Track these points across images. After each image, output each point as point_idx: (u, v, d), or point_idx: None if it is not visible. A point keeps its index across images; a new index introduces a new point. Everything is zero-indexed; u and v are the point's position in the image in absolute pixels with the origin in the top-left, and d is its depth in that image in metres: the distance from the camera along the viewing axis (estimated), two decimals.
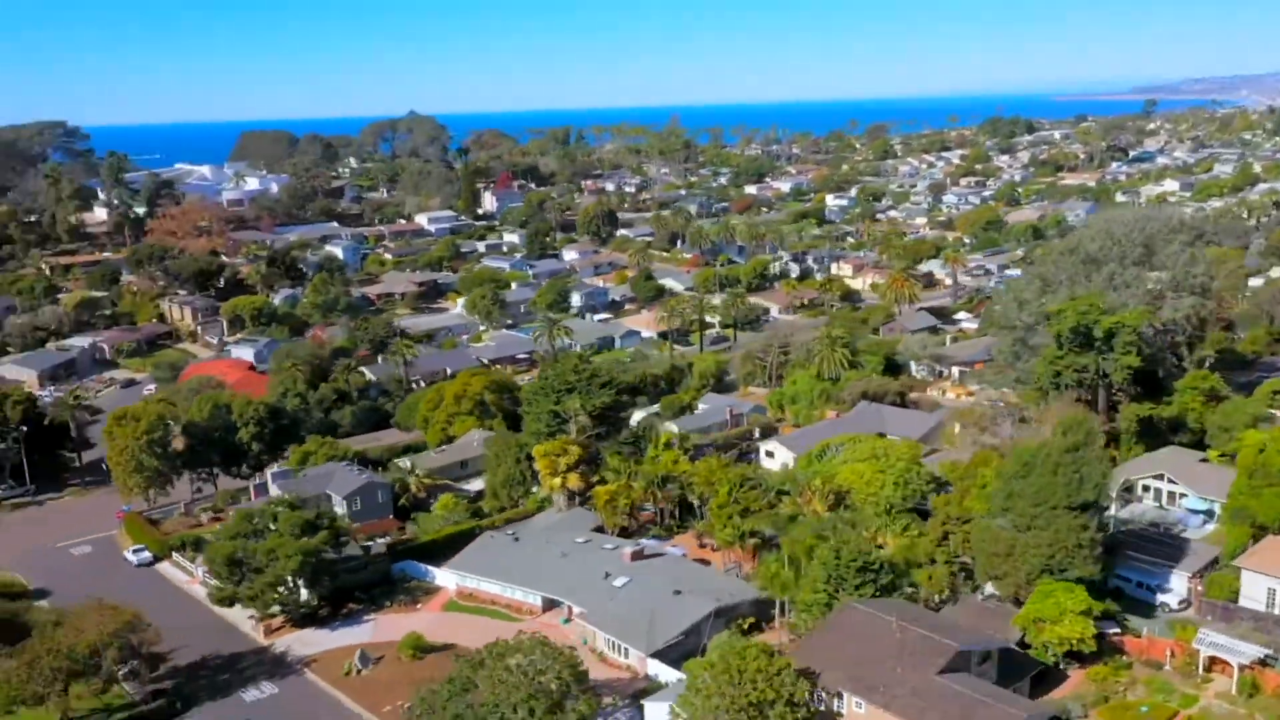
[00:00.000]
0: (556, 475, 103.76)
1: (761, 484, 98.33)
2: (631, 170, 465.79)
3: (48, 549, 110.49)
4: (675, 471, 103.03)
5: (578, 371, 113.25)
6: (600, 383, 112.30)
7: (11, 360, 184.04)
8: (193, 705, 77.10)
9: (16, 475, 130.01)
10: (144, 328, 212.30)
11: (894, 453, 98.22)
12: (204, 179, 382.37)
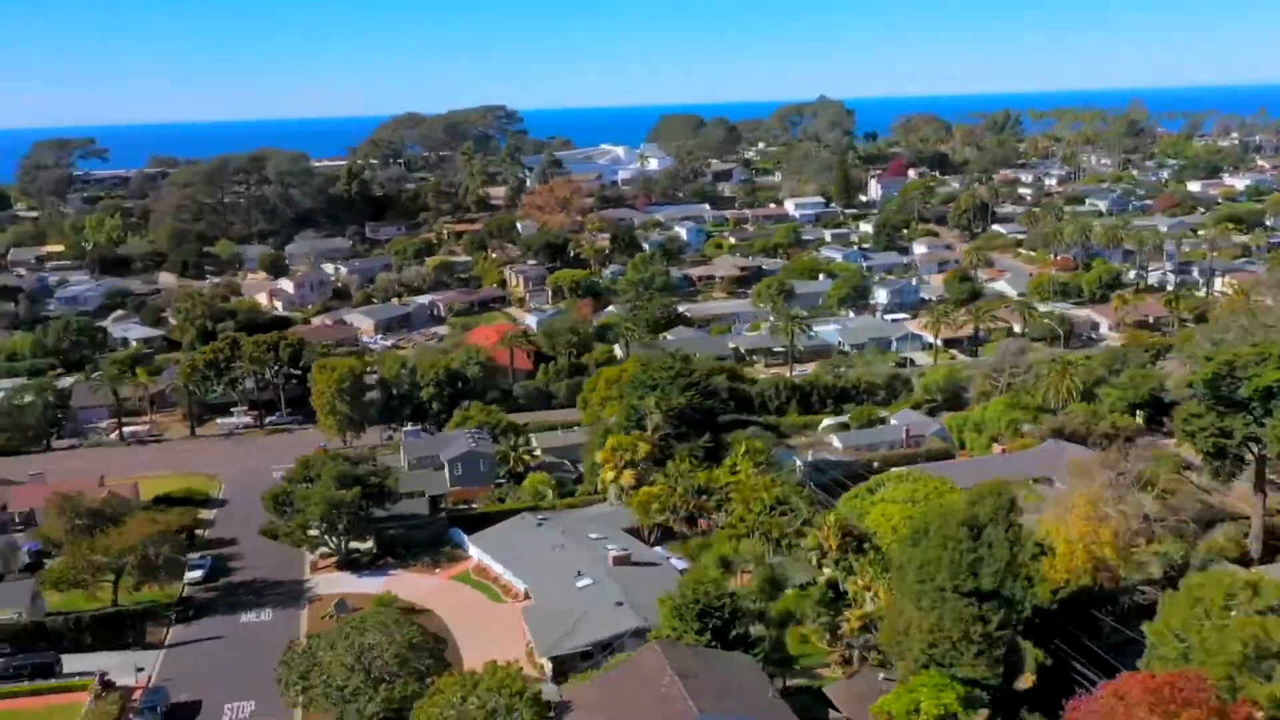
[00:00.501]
0: (614, 470, 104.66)
1: (793, 510, 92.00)
2: (1063, 159, 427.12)
3: (263, 470, 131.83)
4: (718, 483, 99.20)
5: (667, 369, 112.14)
6: (685, 383, 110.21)
7: (358, 310, 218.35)
8: (203, 616, 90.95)
9: (286, 406, 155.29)
10: (483, 291, 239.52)
11: (935, 495, 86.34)
12: (616, 160, 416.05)
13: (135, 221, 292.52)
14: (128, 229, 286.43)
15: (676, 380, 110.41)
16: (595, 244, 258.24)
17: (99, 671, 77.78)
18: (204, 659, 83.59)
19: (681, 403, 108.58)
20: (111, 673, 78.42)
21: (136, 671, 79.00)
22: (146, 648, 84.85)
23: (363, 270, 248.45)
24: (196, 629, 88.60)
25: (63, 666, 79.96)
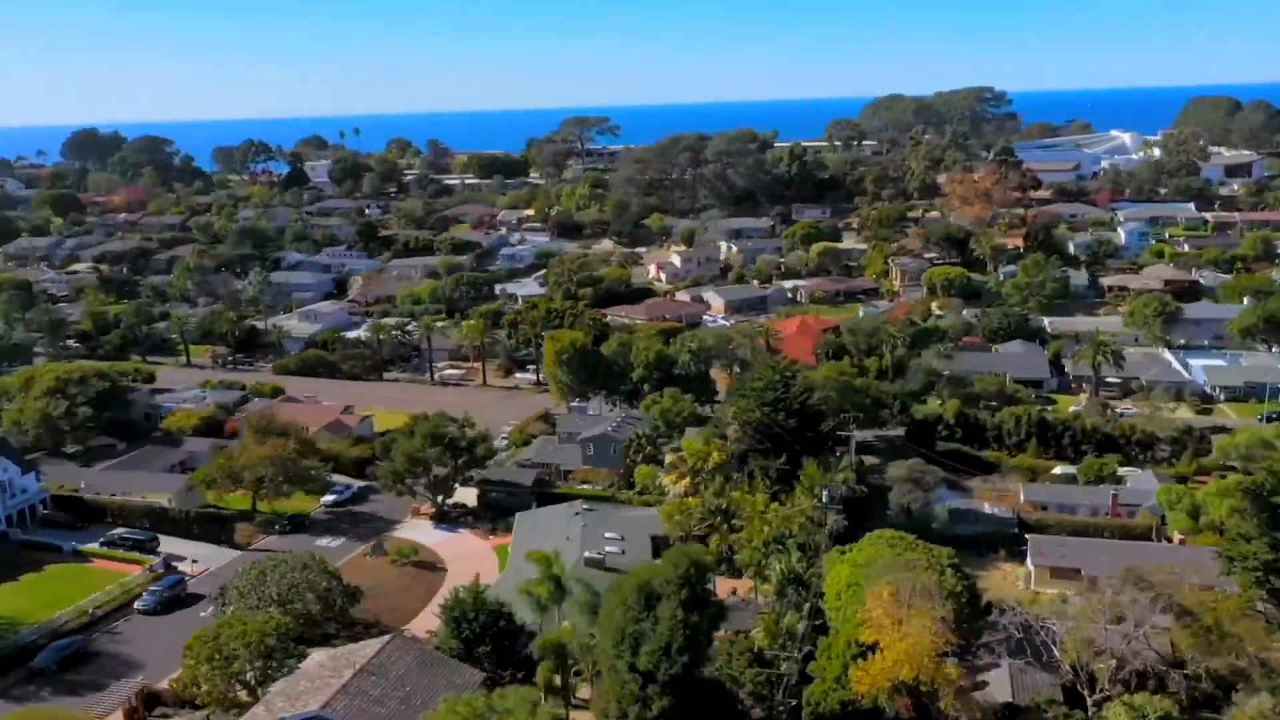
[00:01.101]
0: (677, 475, 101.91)
1: (784, 550, 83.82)
2: None
3: (500, 422, 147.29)
4: (742, 506, 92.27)
5: (759, 379, 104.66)
6: (772, 396, 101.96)
7: (714, 288, 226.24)
8: (297, 533, 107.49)
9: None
10: (856, 281, 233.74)
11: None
12: (1121, 147, 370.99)
13: (600, 193, 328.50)
14: (593, 199, 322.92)
15: (762, 392, 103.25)
16: (993, 240, 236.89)
17: (165, 555, 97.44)
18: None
19: (757, 416, 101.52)
20: (186, 561, 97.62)
21: (191, 563, 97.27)
22: (234, 546, 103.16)
23: (752, 250, 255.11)
24: (280, 542, 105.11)
25: (159, 544, 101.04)
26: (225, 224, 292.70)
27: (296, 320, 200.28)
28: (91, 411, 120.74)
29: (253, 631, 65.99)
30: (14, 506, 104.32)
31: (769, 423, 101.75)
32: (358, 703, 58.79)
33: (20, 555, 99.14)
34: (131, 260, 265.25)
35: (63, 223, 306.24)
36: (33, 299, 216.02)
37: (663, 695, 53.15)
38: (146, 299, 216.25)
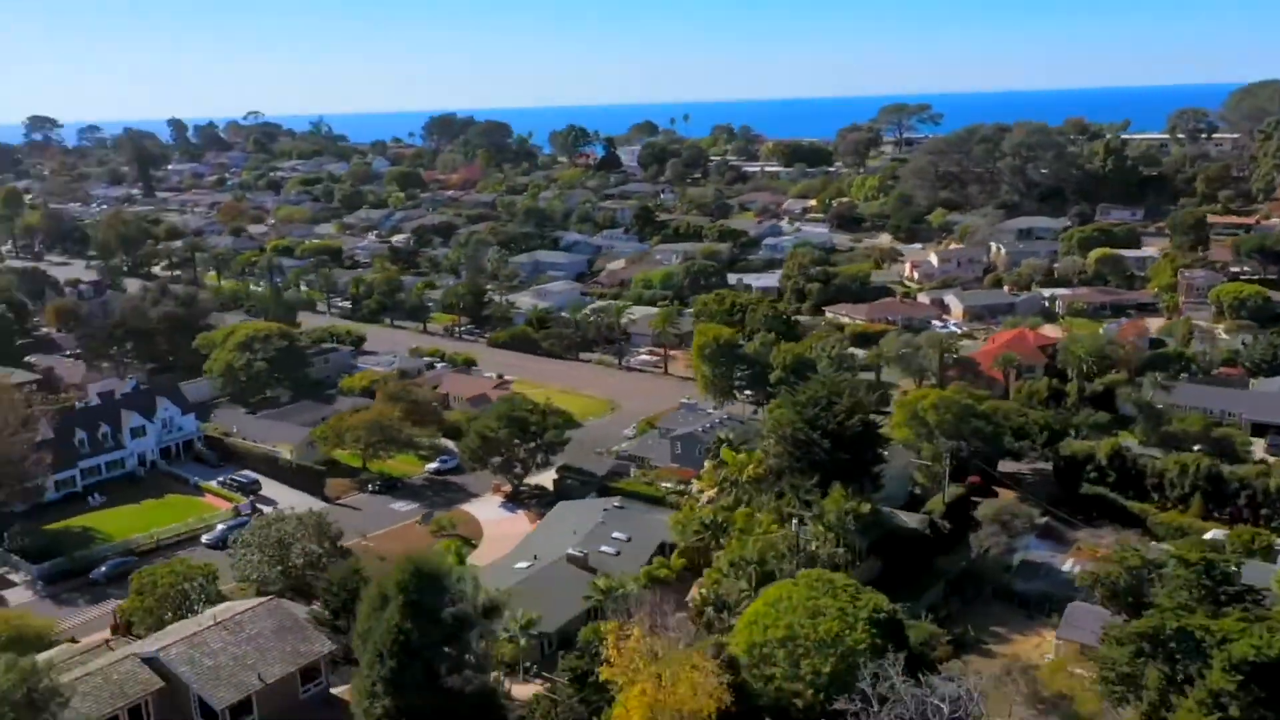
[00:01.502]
0: (711, 483, 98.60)
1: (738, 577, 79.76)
2: None
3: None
4: (729, 521, 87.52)
5: (806, 397, 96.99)
6: (810, 414, 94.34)
7: (954, 291, 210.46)
8: (385, 493, 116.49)
9: None
10: (1131, 293, 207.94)
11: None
12: None
13: (890, 185, 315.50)
14: (883, 190, 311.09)
15: (804, 407, 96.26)
16: None
17: (253, 499, 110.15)
18: (335, 515, 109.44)
19: (790, 432, 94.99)
20: (276, 506, 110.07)
21: (277, 507, 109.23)
22: (323, 499, 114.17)
23: (1020, 254, 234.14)
24: (366, 500, 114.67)
25: (260, 488, 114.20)
26: (527, 203, 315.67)
27: (529, 297, 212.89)
28: (265, 366, 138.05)
29: (177, 574, 74.15)
30: (169, 440, 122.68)
31: (806, 440, 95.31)
32: (192, 652, 64.54)
33: (157, 483, 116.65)
34: (440, 233, 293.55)
35: (400, 197, 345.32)
36: (338, 263, 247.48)
37: (385, 694, 53.67)
38: (423, 269, 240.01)
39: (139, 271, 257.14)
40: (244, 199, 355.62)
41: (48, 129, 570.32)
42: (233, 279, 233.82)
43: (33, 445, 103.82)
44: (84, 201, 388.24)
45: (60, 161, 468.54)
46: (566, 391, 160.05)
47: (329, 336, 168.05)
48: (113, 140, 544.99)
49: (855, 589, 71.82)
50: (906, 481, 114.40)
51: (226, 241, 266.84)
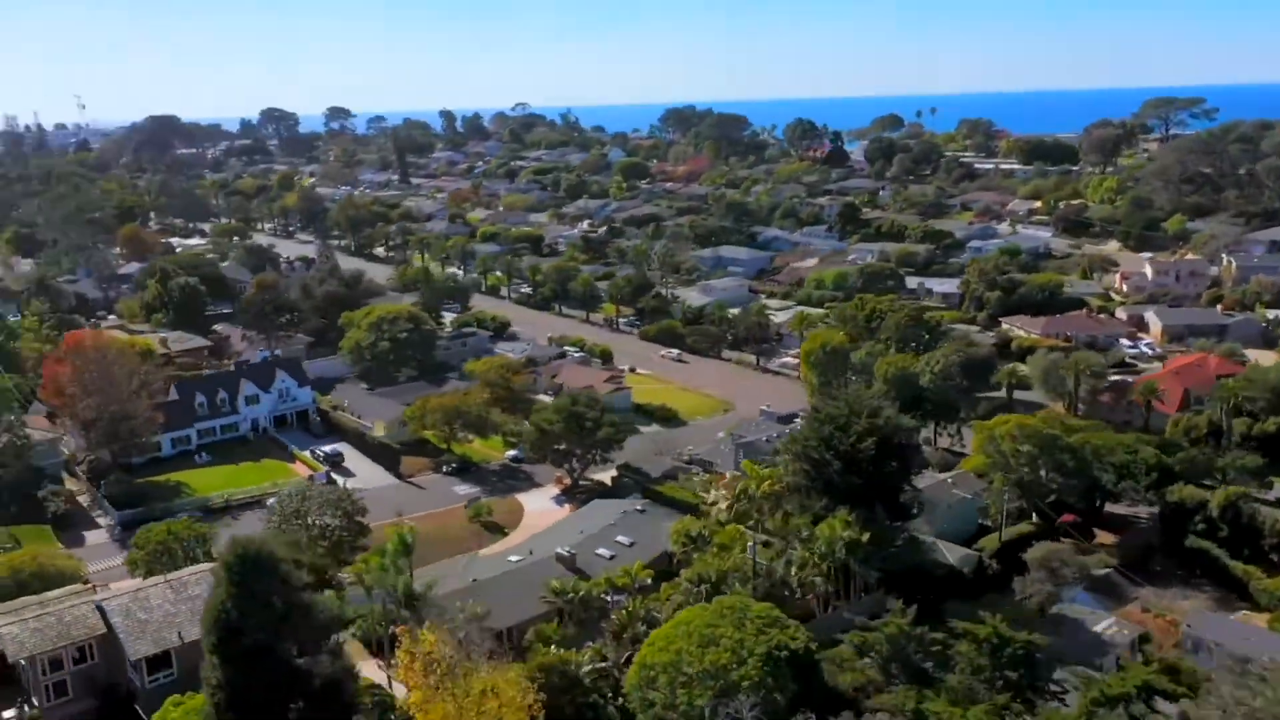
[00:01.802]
0: (729, 496, 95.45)
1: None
2: None
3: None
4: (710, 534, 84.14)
5: (824, 415, 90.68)
6: (823, 433, 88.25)
7: (1157, 309, 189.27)
8: (457, 474, 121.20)
9: None
10: None
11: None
12: None
13: (1127, 185, 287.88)
14: (1120, 192, 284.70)
15: (820, 426, 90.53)
16: None
17: (328, 470, 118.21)
18: (399, 492, 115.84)
19: (801, 449, 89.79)
20: (350, 479, 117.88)
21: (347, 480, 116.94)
22: (397, 475, 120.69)
23: (1260, 268, 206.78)
24: (437, 479, 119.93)
25: (343, 460, 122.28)
26: (735, 197, 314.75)
27: (694, 292, 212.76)
28: (389, 346, 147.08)
29: (171, 534, 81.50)
30: (284, 410, 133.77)
31: (819, 460, 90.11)
32: (131, 605, 70.90)
33: (261, 448, 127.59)
34: (645, 225, 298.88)
35: (621, 188, 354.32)
36: (537, 251, 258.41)
37: (214, 669, 56.83)
38: (610, 260, 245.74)
39: (363, 251, 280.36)
40: (480, 186, 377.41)
41: (342, 119, 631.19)
42: (436, 261, 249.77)
43: (150, 406, 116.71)
44: (353, 185, 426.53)
45: (343, 149, 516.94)
46: (687, 389, 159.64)
47: (473, 321, 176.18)
48: (399, 126, 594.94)
49: (772, 620, 67.83)
50: (974, 513, 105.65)
51: (441, 226, 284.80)
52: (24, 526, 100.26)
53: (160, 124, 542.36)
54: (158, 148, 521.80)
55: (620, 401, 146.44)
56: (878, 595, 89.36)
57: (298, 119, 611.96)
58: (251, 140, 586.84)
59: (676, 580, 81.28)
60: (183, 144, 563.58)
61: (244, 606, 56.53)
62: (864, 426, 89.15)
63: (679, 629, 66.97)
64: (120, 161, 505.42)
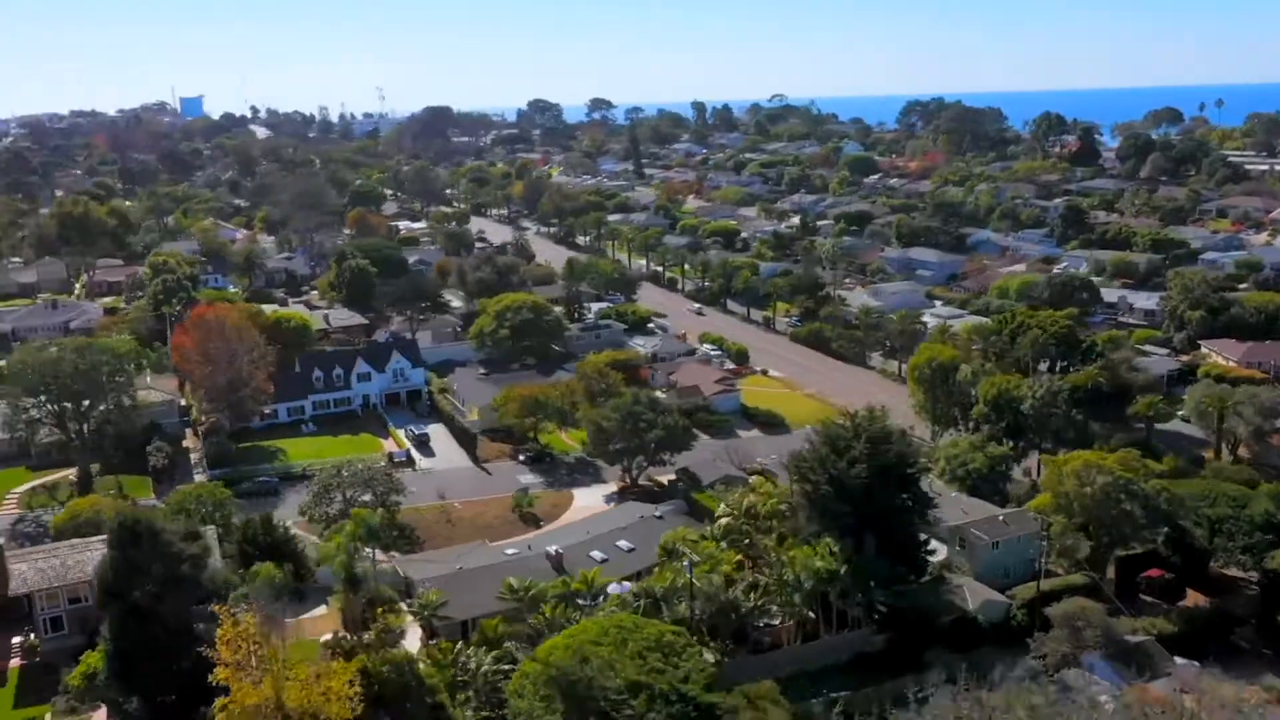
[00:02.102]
0: (733, 513, 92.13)
1: None
2: None
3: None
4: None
5: (826, 436, 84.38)
6: (820, 454, 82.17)
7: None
8: (533, 463, 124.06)
9: None
10: None
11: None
12: None
13: None
14: None
15: (819, 446, 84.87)
16: None
17: (409, 450, 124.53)
18: (467, 475, 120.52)
19: (800, 472, 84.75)
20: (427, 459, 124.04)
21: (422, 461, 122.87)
22: (474, 459, 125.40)
23: None
24: (508, 466, 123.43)
25: (429, 440, 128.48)
26: (955, 195, 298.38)
27: (864, 295, 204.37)
28: (508, 334, 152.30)
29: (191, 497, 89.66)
30: (396, 389, 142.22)
31: (814, 483, 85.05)
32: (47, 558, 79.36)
33: (365, 423, 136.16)
34: (856, 221, 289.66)
35: (840, 183, 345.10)
36: (730, 245, 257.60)
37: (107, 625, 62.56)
38: (796, 257, 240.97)
39: (567, 239, 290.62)
40: (704, 179, 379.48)
41: (604, 109, 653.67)
42: (625, 252, 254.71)
43: (264, 377, 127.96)
44: (592, 175, 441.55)
45: (593, 139, 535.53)
46: (810, 395, 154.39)
47: (613, 314, 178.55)
48: (654, 118, 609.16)
49: (661, 646, 65.37)
50: (1030, 555, 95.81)
51: (641, 218, 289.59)
52: (130, 476, 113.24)
53: (435, 114, 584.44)
54: (431, 136, 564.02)
55: (726, 403, 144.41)
56: (863, 634, 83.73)
57: (561, 110, 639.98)
58: (517, 130, 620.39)
59: (622, 594, 79.75)
60: (456, 132, 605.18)
61: (124, 572, 61.80)
62: (860, 452, 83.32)
63: (564, 642, 66.02)
64: (400, 147, 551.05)
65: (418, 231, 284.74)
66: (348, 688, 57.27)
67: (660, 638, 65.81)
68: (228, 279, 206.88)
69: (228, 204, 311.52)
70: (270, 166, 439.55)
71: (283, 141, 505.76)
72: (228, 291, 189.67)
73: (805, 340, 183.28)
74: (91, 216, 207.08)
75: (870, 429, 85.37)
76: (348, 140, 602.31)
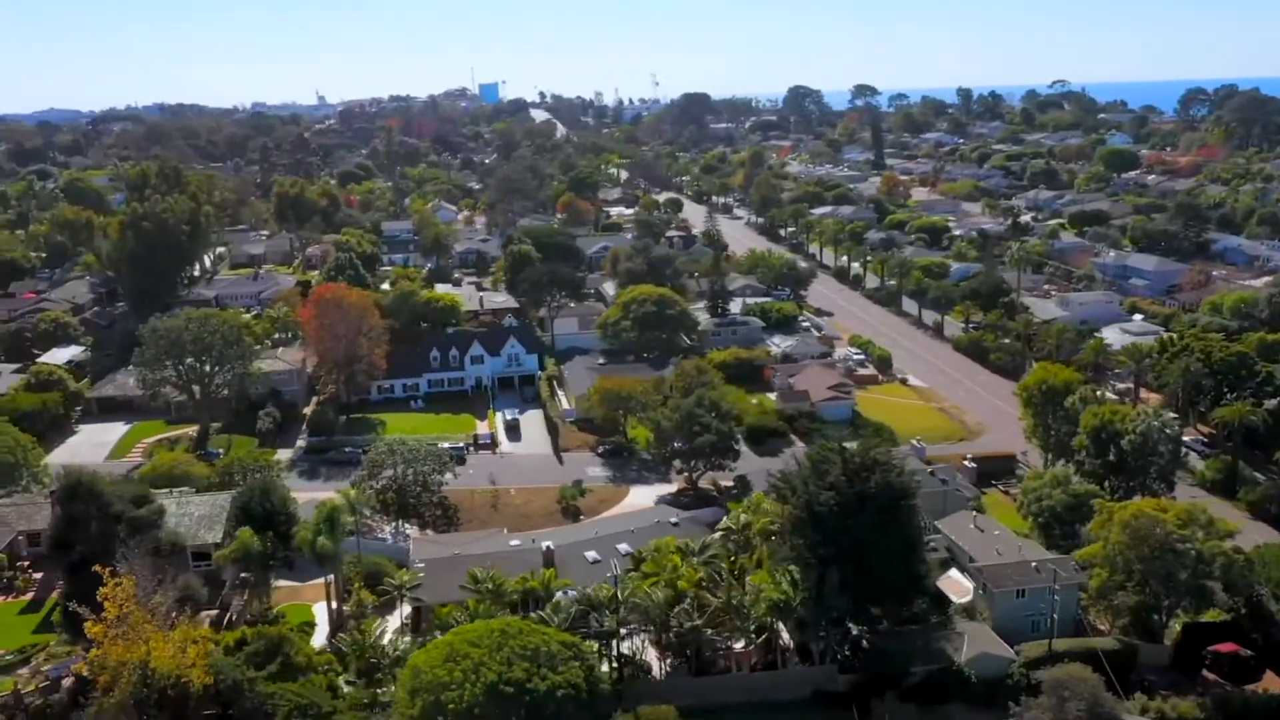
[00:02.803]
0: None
1: None
2: None
3: None
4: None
5: (811, 461, 77.83)
6: (803, 476, 76.26)
7: None
8: (610, 456, 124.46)
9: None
10: None
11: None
12: None
13: None
14: None
15: (798, 471, 79.16)
16: None
17: (492, 433, 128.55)
18: (541, 462, 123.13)
19: (779, 493, 79.68)
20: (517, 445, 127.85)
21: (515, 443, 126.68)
22: (555, 448, 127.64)
23: None
24: (585, 457, 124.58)
25: (518, 425, 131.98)
26: (1213, 196, 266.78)
27: (1051, 305, 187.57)
28: (630, 325, 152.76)
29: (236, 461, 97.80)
30: (510, 373, 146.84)
31: (793, 505, 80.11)
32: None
33: (471, 404, 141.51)
34: (1090, 222, 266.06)
35: (1086, 178, 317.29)
36: (936, 243, 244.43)
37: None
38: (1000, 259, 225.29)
39: (769, 230, 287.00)
40: (941, 171, 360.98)
41: (868, 95, 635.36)
42: (830, 245, 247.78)
43: (382, 355, 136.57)
44: (835, 164, 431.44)
45: (844, 126, 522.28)
46: (942, 409, 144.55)
47: (756, 310, 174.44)
48: (916, 105, 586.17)
49: (550, 658, 64.26)
50: (1070, 607, 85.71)
51: (848, 211, 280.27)
52: (241, 436, 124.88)
53: (692, 100, 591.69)
54: (687, 122, 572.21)
55: (835, 410, 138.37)
56: (827, 670, 78.41)
57: (821, 96, 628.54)
58: (775, 117, 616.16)
59: (565, 598, 78.84)
60: (714, 119, 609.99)
61: (68, 526, 68.89)
62: (837, 477, 77.66)
63: (449, 640, 66.64)
64: (657, 133, 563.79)
65: (628, 218, 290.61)
66: (204, 658, 61.06)
67: (541, 646, 64.80)
68: (408, 257, 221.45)
69: (461, 187, 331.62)
70: (524, 151, 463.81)
71: (538, 128, 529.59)
72: (408, 269, 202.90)
73: (966, 350, 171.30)
74: (304, 197, 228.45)
75: (856, 454, 79.29)
76: (613, 125, 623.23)
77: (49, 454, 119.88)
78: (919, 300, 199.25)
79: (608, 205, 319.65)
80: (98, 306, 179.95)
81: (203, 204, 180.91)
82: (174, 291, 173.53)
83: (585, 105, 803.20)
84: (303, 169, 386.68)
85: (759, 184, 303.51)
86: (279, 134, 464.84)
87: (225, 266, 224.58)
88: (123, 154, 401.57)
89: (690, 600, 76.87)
